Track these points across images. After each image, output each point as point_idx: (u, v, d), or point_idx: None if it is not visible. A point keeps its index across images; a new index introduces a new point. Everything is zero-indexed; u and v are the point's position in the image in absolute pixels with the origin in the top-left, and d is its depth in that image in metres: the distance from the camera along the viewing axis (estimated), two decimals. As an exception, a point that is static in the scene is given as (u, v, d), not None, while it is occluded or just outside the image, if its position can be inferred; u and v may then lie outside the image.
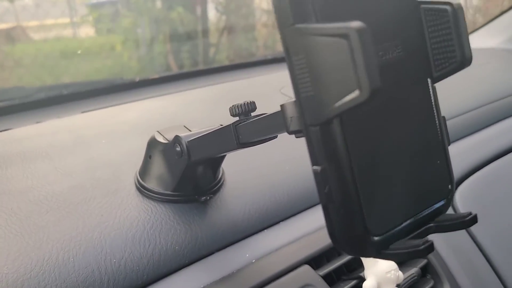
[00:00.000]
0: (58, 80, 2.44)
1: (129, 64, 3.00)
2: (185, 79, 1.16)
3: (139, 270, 0.46)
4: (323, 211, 0.29)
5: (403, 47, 0.29)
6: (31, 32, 2.82)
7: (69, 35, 3.06)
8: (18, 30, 2.72)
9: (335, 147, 0.27)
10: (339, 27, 0.24)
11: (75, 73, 2.45)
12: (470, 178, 0.70)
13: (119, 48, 3.13)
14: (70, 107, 0.92)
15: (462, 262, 0.57)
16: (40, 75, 2.46)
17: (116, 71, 2.85)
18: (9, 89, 1.08)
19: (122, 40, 3.16)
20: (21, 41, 2.70)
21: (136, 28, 3.20)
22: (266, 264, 0.49)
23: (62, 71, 2.49)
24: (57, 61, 2.52)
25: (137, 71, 2.95)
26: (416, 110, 0.31)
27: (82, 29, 3.20)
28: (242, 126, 0.40)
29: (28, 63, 2.42)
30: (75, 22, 3.04)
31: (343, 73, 0.24)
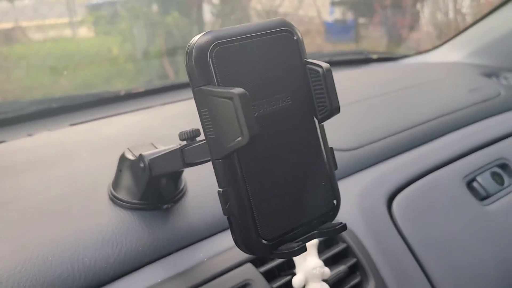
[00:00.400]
0: (56, 82, 2.51)
1: (125, 67, 3.08)
2: (170, 92, 1.24)
3: (107, 267, 0.55)
4: (228, 222, 0.38)
5: (292, 98, 0.39)
6: (30, 32, 2.87)
7: (68, 36, 3.11)
8: (17, 31, 2.79)
9: (233, 175, 0.36)
10: (227, 92, 0.33)
11: (72, 76, 2.52)
12: (410, 186, 0.79)
13: (115, 52, 3.19)
14: (59, 120, 1.00)
15: (390, 260, 0.66)
16: (38, 77, 2.52)
17: (112, 73, 2.91)
18: (3, 103, 1.17)
19: (119, 43, 3.24)
20: (20, 42, 2.77)
21: (132, 32, 3.26)
22: (216, 262, 0.58)
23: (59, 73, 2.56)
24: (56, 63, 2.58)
25: (133, 75, 3.03)
26: (304, 144, 0.40)
27: (80, 30, 3.26)
28: (187, 149, 0.49)
29: (26, 65, 2.47)
30: (74, 24, 3.09)
31: (232, 123, 0.33)
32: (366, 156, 0.82)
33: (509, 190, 0.88)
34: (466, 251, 0.75)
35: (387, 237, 0.69)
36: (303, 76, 0.40)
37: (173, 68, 3.13)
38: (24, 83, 2.36)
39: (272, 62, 0.38)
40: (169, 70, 3.13)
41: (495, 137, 0.96)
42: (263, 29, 0.38)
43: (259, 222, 0.37)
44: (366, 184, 0.76)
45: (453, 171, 0.85)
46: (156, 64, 3.17)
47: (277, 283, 0.57)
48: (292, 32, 0.40)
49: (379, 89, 1.09)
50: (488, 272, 0.74)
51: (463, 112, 1.01)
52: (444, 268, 0.71)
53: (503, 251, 0.78)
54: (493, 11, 1.31)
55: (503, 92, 1.13)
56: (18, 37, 2.77)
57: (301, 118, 0.40)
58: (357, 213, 0.70)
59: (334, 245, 0.65)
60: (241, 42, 0.37)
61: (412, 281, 0.67)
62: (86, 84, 2.47)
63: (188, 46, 0.36)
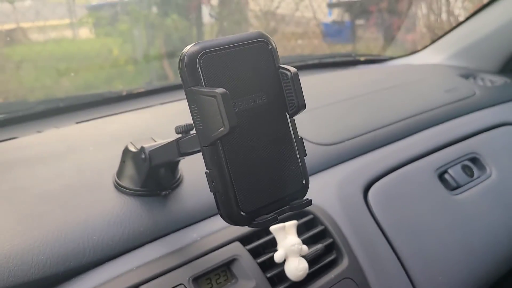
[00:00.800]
0: (58, 83, 2.58)
1: (126, 68, 3.15)
2: (169, 92, 1.32)
3: (113, 244, 0.63)
4: (214, 198, 0.46)
5: (267, 96, 0.47)
6: (32, 34, 2.93)
7: (69, 37, 3.17)
8: (18, 32, 2.85)
9: (217, 158, 0.45)
10: (212, 91, 0.42)
11: (73, 77, 2.59)
12: (386, 177, 0.87)
13: (116, 53, 3.26)
14: (66, 118, 1.08)
15: (363, 241, 0.74)
16: (39, 78, 2.58)
17: (112, 75, 2.97)
18: (13, 103, 1.25)
19: (119, 44, 3.30)
20: (21, 43, 2.83)
21: (132, 34, 3.33)
22: (208, 241, 0.67)
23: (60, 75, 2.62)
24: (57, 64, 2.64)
25: (133, 76, 3.10)
26: (278, 134, 0.48)
27: (81, 31, 3.32)
28: (182, 141, 0.57)
29: (28, 66, 2.53)
30: (75, 25, 3.15)
31: (215, 117, 0.42)
32: (346, 150, 0.91)
33: (478, 181, 0.96)
34: (435, 234, 0.83)
35: (362, 221, 0.78)
36: (276, 79, 0.48)
37: (173, 69, 3.20)
38: (26, 84, 2.43)
39: (250, 67, 0.46)
40: (168, 71, 3.20)
41: (467, 133, 1.05)
42: (243, 40, 0.47)
43: (239, 197, 0.45)
44: (345, 175, 0.85)
45: (426, 164, 0.93)
46: (156, 65, 3.24)
47: (261, 258, 0.66)
48: (267, 43, 0.48)
49: (364, 89, 1.17)
50: (454, 254, 0.83)
51: (439, 110, 1.09)
52: (413, 249, 0.79)
53: (468, 235, 0.86)
54: (472, 15, 1.39)
55: (478, 92, 1.22)
56: (19, 39, 2.83)
57: (275, 113, 0.48)
58: (335, 200, 0.79)
59: (313, 228, 0.73)
60: (224, 51, 0.45)
61: (383, 260, 0.75)
62: (87, 85, 2.54)
63: (181, 54, 0.45)
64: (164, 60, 3.24)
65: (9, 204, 0.66)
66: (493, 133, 1.07)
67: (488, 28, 1.35)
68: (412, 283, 0.76)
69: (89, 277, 0.59)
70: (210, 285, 0.62)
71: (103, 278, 0.59)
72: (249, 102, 0.46)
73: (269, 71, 0.48)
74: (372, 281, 0.71)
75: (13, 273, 0.55)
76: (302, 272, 0.64)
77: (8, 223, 0.62)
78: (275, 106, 0.48)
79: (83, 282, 0.59)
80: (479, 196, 0.93)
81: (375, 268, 0.73)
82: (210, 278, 0.63)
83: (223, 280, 0.64)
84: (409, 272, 0.76)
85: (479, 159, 1.00)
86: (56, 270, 0.58)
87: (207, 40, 0.45)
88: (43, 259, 0.58)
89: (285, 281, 0.65)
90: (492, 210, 0.93)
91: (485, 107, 1.17)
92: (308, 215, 0.74)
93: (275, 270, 0.65)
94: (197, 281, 0.61)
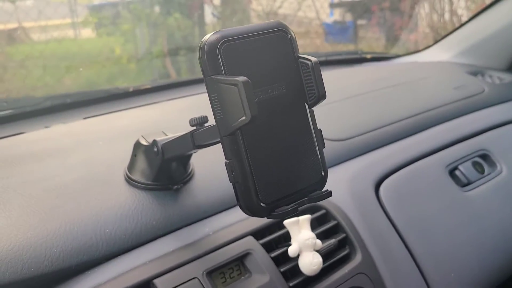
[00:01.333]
0: (60, 81, 2.57)
1: (128, 67, 3.14)
2: (175, 88, 1.32)
3: (125, 238, 0.63)
4: (233, 188, 0.46)
5: (286, 86, 0.46)
6: (34, 33, 2.92)
7: (71, 37, 3.17)
8: (20, 31, 2.85)
9: (237, 148, 0.44)
10: (233, 80, 0.41)
11: (76, 75, 2.58)
12: (396, 173, 0.87)
13: (118, 52, 3.25)
14: (73, 114, 1.08)
15: (376, 237, 0.74)
16: (42, 76, 2.58)
17: (115, 74, 2.97)
18: (21, 98, 1.24)
19: (122, 43, 3.30)
20: (23, 42, 2.82)
21: (135, 33, 3.32)
22: (220, 235, 0.66)
23: (63, 73, 2.62)
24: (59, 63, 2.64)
25: (135, 75, 3.09)
26: (297, 125, 0.48)
27: (84, 31, 3.32)
28: (197, 133, 0.57)
29: (30, 65, 2.52)
30: (77, 24, 3.15)
31: (237, 106, 0.41)
32: (357, 145, 0.90)
33: (489, 178, 0.95)
34: (446, 231, 0.82)
35: (374, 217, 0.77)
36: (296, 69, 0.47)
37: (175, 68, 3.20)
38: (28, 83, 2.43)
39: (269, 57, 0.46)
40: (171, 70, 3.20)
41: (477, 130, 1.04)
42: (262, 29, 0.46)
43: (258, 188, 0.45)
44: (356, 170, 0.84)
45: (436, 160, 0.93)
46: (158, 64, 3.23)
47: (275, 253, 0.65)
48: (287, 32, 0.48)
49: (372, 86, 1.17)
50: (465, 250, 0.82)
51: (449, 107, 1.09)
52: (425, 245, 0.79)
53: (480, 232, 0.86)
54: (479, 14, 1.39)
55: (487, 89, 1.21)
56: (21, 38, 2.82)
57: (294, 104, 0.47)
58: (347, 195, 0.78)
59: (326, 222, 0.73)
60: (244, 40, 0.45)
61: (396, 256, 0.75)
62: (89, 84, 2.54)
63: (201, 43, 0.44)
64: (166, 59, 3.24)
65: (20, 197, 0.65)
66: (503, 130, 1.06)
67: (496, 26, 1.35)
68: (425, 279, 0.75)
69: (102, 270, 0.59)
70: (223, 279, 0.62)
71: (116, 272, 0.58)
72: (269, 92, 0.45)
73: (288, 61, 0.47)
74: (385, 276, 0.70)
75: (27, 265, 0.55)
76: (316, 266, 0.63)
77: (20, 216, 0.61)
78: (294, 96, 0.47)
79: (96, 276, 0.58)
80: (490, 192, 0.93)
81: (388, 264, 0.72)
82: (223, 272, 0.62)
83: (236, 274, 0.63)
84: (421, 268, 0.76)
85: (490, 156, 1.00)
86: (69, 263, 0.57)
87: (227, 28, 0.45)
88: (56, 252, 0.57)
89: (298, 275, 0.65)
90: (503, 206, 0.92)
91: (494, 104, 1.16)
92: (321, 210, 0.73)
93: (288, 264, 0.65)
94: (211, 275, 0.61)
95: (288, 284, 0.63)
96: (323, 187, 0.50)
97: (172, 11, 3.55)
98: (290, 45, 0.48)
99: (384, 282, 0.70)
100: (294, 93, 0.47)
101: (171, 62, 3.24)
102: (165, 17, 3.57)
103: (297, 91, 0.47)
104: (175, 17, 3.53)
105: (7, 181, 0.69)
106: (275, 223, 0.70)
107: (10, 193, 0.66)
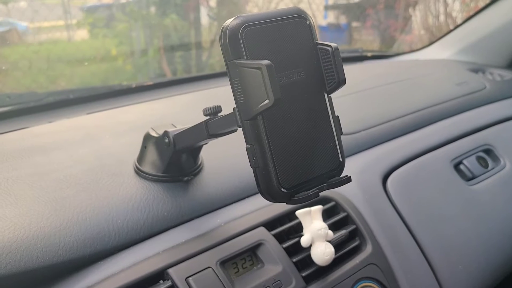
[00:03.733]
0: (54, 83, 2.56)
1: (124, 68, 3.13)
2: (176, 85, 1.32)
3: (137, 228, 0.62)
4: (253, 173, 0.46)
5: (306, 72, 0.46)
6: (28, 34, 2.91)
7: (65, 38, 3.15)
8: (13, 33, 2.83)
9: (258, 133, 0.44)
10: (256, 63, 0.41)
11: (70, 76, 2.57)
12: (403, 166, 0.87)
13: (114, 53, 3.24)
14: (76, 109, 1.07)
15: (385, 228, 0.74)
16: (37, 78, 2.56)
17: (111, 74, 2.95)
18: (23, 94, 1.23)
19: (117, 44, 3.29)
20: (16, 44, 2.80)
21: (131, 34, 3.31)
22: (232, 226, 0.66)
23: (57, 75, 2.60)
24: (53, 64, 2.62)
25: (131, 76, 3.08)
26: (315, 111, 0.48)
27: (78, 33, 3.30)
28: (211, 122, 0.57)
29: (24, 66, 2.51)
30: (71, 26, 3.14)
31: (259, 90, 0.41)
32: (363, 139, 0.90)
33: (493, 172, 0.96)
34: (453, 224, 0.83)
35: (382, 209, 0.77)
36: (315, 55, 0.47)
37: (171, 69, 3.19)
38: (23, 84, 2.41)
39: (289, 42, 0.46)
40: (167, 70, 3.19)
41: (481, 125, 1.05)
42: (282, 15, 0.46)
43: (279, 173, 0.45)
44: (363, 164, 0.84)
45: (442, 154, 0.93)
46: (154, 65, 3.22)
47: (287, 243, 0.65)
48: (306, 18, 0.48)
49: (374, 83, 1.18)
50: (471, 243, 0.83)
51: (452, 102, 1.10)
52: (433, 238, 0.79)
53: (485, 226, 0.86)
54: (479, 11, 1.40)
55: (488, 86, 1.22)
56: (13, 40, 2.81)
57: (313, 90, 0.47)
58: (356, 188, 0.78)
59: (335, 214, 0.73)
60: (265, 25, 0.45)
61: (405, 247, 0.75)
62: (84, 86, 2.52)
63: (222, 28, 0.44)
64: (162, 60, 3.23)
65: (32, 188, 0.65)
66: (506, 126, 1.07)
67: (496, 24, 1.36)
68: (433, 271, 0.75)
69: (116, 260, 0.59)
70: (236, 269, 0.62)
71: (130, 262, 0.58)
72: (289, 78, 0.46)
73: (308, 47, 0.47)
74: (395, 267, 0.71)
75: (42, 254, 0.54)
76: (329, 256, 0.63)
77: (32, 206, 0.61)
78: (313, 82, 0.47)
79: (110, 266, 0.58)
80: (494, 186, 0.93)
81: (398, 255, 0.72)
82: (236, 263, 0.62)
83: (249, 264, 0.63)
84: (430, 260, 0.76)
85: (493, 151, 1.00)
86: (83, 252, 0.57)
87: (247, 14, 0.45)
88: (70, 241, 0.57)
89: (310, 266, 0.65)
90: (508, 201, 0.93)
91: (496, 100, 1.17)
92: (331, 202, 0.73)
93: (301, 255, 0.65)
94: (224, 265, 0.61)
95: (301, 274, 0.63)
96: (341, 173, 0.50)
97: (168, 12, 3.54)
98: (309, 31, 0.48)
99: (394, 272, 0.70)
100: (313, 79, 0.47)
101: (167, 63, 3.23)
102: (161, 18, 3.56)
103: (315, 77, 0.47)
104: (171, 18, 3.52)
105: (17, 172, 0.69)
106: (286, 215, 0.70)
107: (21, 184, 0.66)
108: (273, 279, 0.61)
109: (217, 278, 0.58)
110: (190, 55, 3.42)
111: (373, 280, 0.68)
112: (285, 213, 0.69)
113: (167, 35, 3.49)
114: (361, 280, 0.67)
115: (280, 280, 0.61)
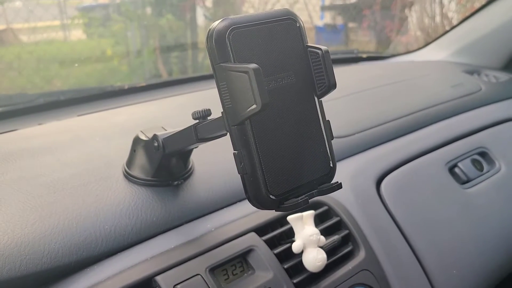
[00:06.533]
0: (50, 83, 2.54)
1: (119, 68, 3.11)
2: (170, 87, 1.30)
3: (125, 234, 0.61)
4: (241, 180, 0.44)
5: (295, 76, 0.45)
6: (22, 34, 2.89)
7: (61, 38, 3.14)
8: (9, 33, 2.81)
9: (246, 138, 0.43)
10: (243, 67, 0.40)
11: (65, 77, 2.55)
12: (397, 170, 0.86)
13: (109, 53, 3.22)
14: (67, 111, 1.06)
15: (378, 233, 0.73)
16: (32, 78, 2.55)
17: (106, 74, 2.94)
18: (13, 95, 1.22)
19: (112, 44, 3.27)
20: (12, 44, 2.79)
21: (126, 34, 3.30)
22: (222, 232, 0.65)
23: (53, 75, 2.59)
24: (48, 65, 2.61)
25: (126, 76, 3.06)
26: (306, 115, 0.47)
27: (73, 33, 3.28)
28: (199, 126, 0.55)
29: (19, 66, 2.49)
30: (66, 26, 3.12)
31: (247, 94, 0.40)
32: (357, 143, 0.89)
33: (488, 175, 0.95)
34: (447, 228, 0.82)
35: (376, 213, 0.76)
36: (305, 58, 0.46)
37: (167, 69, 3.17)
38: (18, 84, 2.39)
39: (278, 45, 0.45)
40: (163, 71, 3.17)
41: (476, 128, 1.04)
42: (271, 17, 0.45)
43: (268, 180, 0.44)
44: (357, 167, 0.83)
45: (436, 157, 0.92)
46: (150, 65, 3.20)
47: (278, 249, 0.64)
48: (295, 20, 0.47)
49: (369, 84, 1.16)
50: (466, 247, 0.82)
51: (447, 105, 1.09)
52: (427, 242, 0.78)
53: (480, 229, 0.85)
54: (475, 13, 1.39)
55: (484, 88, 1.22)
56: (9, 39, 2.79)
57: (302, 94, 0.46)
58: (349, 192, 0.77)
59: (328, 219, 0.72)
60: (253, 27, 0.44)
61: (398, 252, 0.74)
62: (79, 86, 2.51)
63: (209, 31, 0.43)
64: (158, 60, 3.22)
65: (17, 194, 0.63)
66: (501, 128, 1.06)
67: (491, 25, 1.35)
68: (427, 276, 0.74)
69: (103, 267, 0.57)
70: (226, 276, 0.60)
71: (117, 269, 0.57)
72: (278, 81, 0.44)
73: (298, 50, 0.46)
74: (389, 273, 0.70)
75: (25, 262, 0.53)
76: (320, 262, 0.62)
77: (17, 211, 0.59)
78: (303, 86, 0.46)
79: (97, 273, 0.56)
80: (489, 190, 0.92)
81: (391, 261, 0.71)
82: (226, 269, 0.61)
83: (239, 271, 0.62)
84: (424, 265, 0.75)
85: (488, 154, 0.99)
86: (69, 259, 0.56)
87: (235, 16, 0.43)
88: (55, 248, 0.56)
89: (302, 272, 0.64)
90: (503, 204, 0.92)
91: (491, 102, 1.16)
92: (323, 207, 0.72)
93: (292, 261, 0.64)
94: (214, 272, 0.59)
95: (292, 281, 0.62)
96: (332, 179, 0.49)
97: (164, 12, 3.52)
98: (299, 33, 0.47)
99: (387, 278, 0.69)
100: (303, 83, 0.46)
101: (163, 63, 3.22)
102: (157, 18, 3.55)
103: (305, 81, 0.46)
104: (167, 18, 3.51)
105: (2, 177, 0.67)
106: (277, 220, 0.69)
107: (6, 189, 0.64)
108: (264, 286, 0.60)
109: (206, 286, 0.57)
110: (186, 56, 3.40)
111: (366, 287, 0.67)
112: (276, 218, 0.68)
113: (163, 36, 3.48)
114: (354, 287, 0.66)
115: (271, 287, 0.60)
